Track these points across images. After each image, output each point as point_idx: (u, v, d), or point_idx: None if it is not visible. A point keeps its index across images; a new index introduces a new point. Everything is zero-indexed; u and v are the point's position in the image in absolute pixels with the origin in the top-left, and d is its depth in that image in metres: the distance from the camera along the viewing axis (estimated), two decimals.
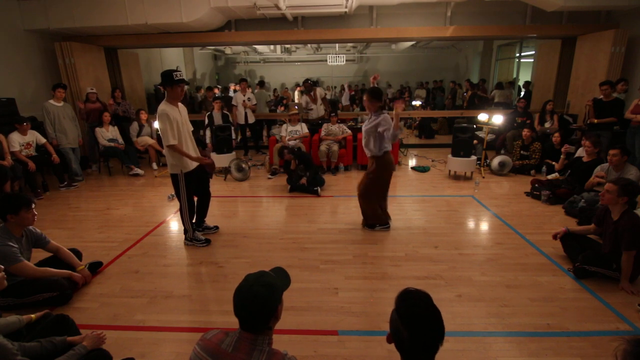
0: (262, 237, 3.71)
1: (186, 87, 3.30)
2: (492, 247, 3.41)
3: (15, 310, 2.42)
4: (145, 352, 2.13)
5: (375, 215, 3.76)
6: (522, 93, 9.69)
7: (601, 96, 5.20)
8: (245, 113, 7.22)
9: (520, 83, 10.67)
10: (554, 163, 5.40)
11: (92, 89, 6.23)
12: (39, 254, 2.79)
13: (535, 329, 2.28)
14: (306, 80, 7.19)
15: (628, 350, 0.98)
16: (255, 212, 4.51)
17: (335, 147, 6.05)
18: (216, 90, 8.77)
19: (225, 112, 6.91)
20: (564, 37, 6.90)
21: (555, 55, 7.25)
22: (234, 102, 7.26)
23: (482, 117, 5.85)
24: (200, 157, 3.36)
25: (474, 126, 5.84)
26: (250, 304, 1.21)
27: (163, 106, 3.11)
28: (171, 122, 3.09)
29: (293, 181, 5.14)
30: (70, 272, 2.71)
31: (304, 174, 5.14)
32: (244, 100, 7.15)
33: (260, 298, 1.21)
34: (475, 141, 5.89)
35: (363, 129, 3.57)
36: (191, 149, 3.36)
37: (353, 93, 14.74)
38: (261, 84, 10.28)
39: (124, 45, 7.31)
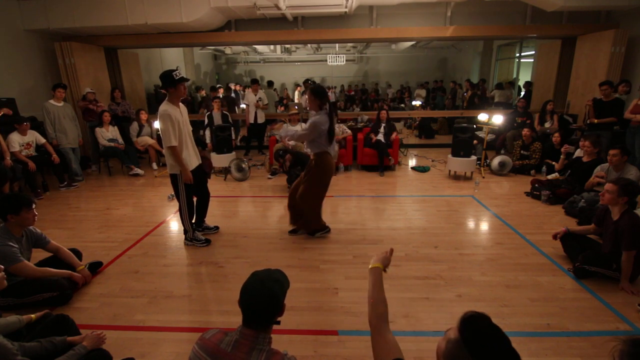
0: (262, 237, 3.71)
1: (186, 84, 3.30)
2: (492, 247, 3.41)
3: (15, 310, 2.41)
4: (145, 352, 2.13)
5: (317, 220, 3.59)
6: (522, 93, 9.69)
7: (601, 96, 5.20)
8: (256, 113, 7.24)
9: (521, 83, 10.67)
10: (554, 163, 5.39)
11: (90, 90, 6.22)
12: (39, 254, 2.79)
13: (535, 329, 2.28)
14: (306, 81, 7.20)
15: (624, 351, 0.98)
16: (255, 212, 4.51)
17: (335, 147, 6.03)
18: (221, 91, 8.77)
19: (225, 112, 6.91)
20: (564, 37, 6.90)
21: (555, 55, 7.25)
22: (245, 102, 7.35)
23: (482, 117, 5.86)
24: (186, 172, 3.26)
25: (474, 126, 5.84)
26: (262, 299, 1.24)
27: (165, 106, 3.10)
28: (173, 123, 3.09)
29: (291, 182, 5.13)
30: (70, 272, 2.71)
31: (299, 175, 5.11)
32: (256, 101, 7.18)
33: (273, 293, 1.25)
34: (475, 141, 5.89)
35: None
36: (191, 149, 3.36)
37: (352, 93, 14.77)
38: (270, 83, 10.25)
39: (124, 45, 7.31)
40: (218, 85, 9.47)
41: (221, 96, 7.89)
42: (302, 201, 3.47)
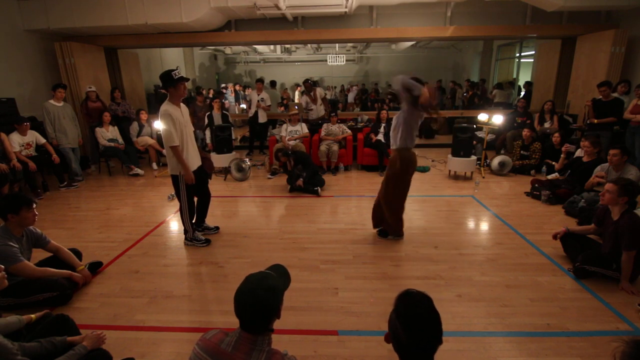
0: (262, 237, 3.71)
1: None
2: (492, 247, 3.41)
3: (15, 310, 2.41)
4: (145, 352, 2.13)
5: (400, 222, 3.56)
6: (522, 93, 9.69)
7: (600, 96, 5.20)
8: (256, 112, 7.24)
9: (521, 83, 10.67)
10: (554, 163, 5.39)
11: (91, 87, 6.22)
12: (39, 254, 2.79)
13: (535, 329, 2.28)
14: (306, 81, 7.19)
15: (626, 352, 0.98)
16: (255, 212, 4.51)
17: (335, 147, 6.05)
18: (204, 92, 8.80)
19: (225, 112, 6.91)
20: (564, 37, 6.90)
21: (555, 55, 7.25)
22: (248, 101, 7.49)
23: (482, 117, 5.85)
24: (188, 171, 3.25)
25: (474, 126, 5.84)
26: (252, 308, 1.21)
27: (166, 106, 3.10)
28: (174, 123, 3.10)
29: (292, 181, 5.13)
30: (70, 272, 2.71)
31: (300, 174, 5.12)
32: (258, 101, 7.18)
33: (264, 302, 1.22)
34: (474, 141, 5.89)
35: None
36: (192, 150, 3.36)
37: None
38: (272, 84, 10.23)
39: (124, 45, 7.31)
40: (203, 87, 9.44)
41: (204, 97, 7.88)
42: (386, 203, 3.44)
